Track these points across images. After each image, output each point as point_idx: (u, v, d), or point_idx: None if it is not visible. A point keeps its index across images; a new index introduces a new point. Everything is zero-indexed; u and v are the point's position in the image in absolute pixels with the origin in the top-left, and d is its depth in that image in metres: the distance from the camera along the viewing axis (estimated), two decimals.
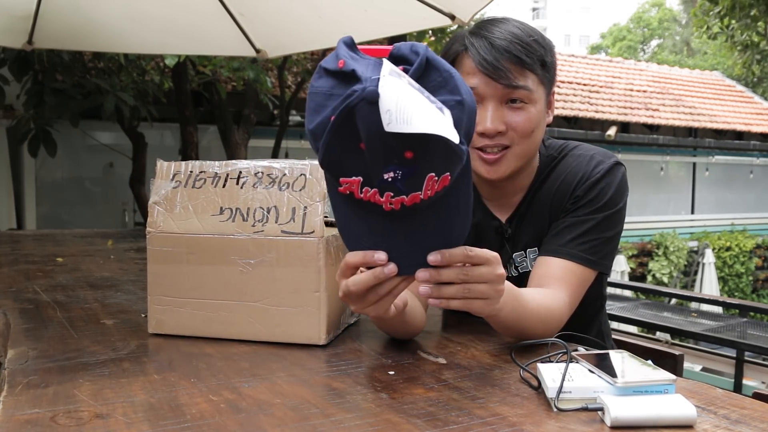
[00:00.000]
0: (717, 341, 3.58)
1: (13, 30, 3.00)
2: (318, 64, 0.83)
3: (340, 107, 0.75)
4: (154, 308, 1.15)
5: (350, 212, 0.85)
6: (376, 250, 0.84)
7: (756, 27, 8.63)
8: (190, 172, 1.16)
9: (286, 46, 3.51)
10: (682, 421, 0.75)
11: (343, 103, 0.76)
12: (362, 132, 0.76)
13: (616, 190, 1.21)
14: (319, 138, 0.79)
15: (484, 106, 1.16)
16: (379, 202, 0.81)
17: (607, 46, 29.11)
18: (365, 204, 0.82)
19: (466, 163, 0.81)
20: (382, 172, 0.78)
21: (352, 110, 0.75)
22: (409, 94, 0.76)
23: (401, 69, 0.79)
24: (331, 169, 0.82)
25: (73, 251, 2.35)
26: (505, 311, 0.98)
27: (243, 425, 0.75)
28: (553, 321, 1.11)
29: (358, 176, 0.80)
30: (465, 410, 0.80)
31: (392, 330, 1.12)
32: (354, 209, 0.84)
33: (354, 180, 0.81)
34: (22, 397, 0.84)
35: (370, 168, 0.79)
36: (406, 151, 0.76)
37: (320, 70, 0.82)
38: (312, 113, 0.81)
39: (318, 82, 0.81)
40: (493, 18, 1.21)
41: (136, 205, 5.84)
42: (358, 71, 0.77)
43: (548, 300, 1.11)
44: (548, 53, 1.19)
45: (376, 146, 0.76)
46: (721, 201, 11.97)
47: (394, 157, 0.77)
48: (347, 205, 0.84)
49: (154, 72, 5.41)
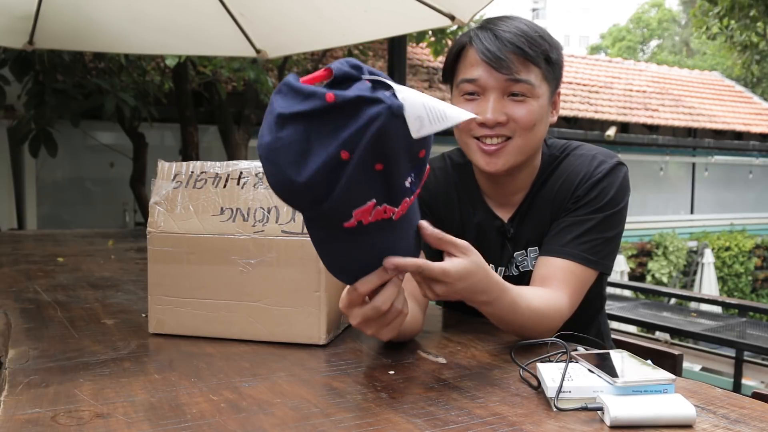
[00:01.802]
0: (716, 341, 3.58)
1: (14, 30, 3.00)
2: (274, 117, 0.73)
3: (366, 135, 0.70)
4: (155, 308, 1.15)
5: (341, 246, 0.82)
6: (371, 271, 0.84)
7: (755, 27, 8.64)
8: (191, 172, 1.16)
9: (286, 47, 3.51)
10: (682, 421, 0.75)
11: (365, 130, 0.70)
12: (388, 150, 0.72)
13: (617, 191, 1.21)
14: (321, 185, 0.73)
15: (486, 96, 1.17)
16: (386, 216, 0.79)
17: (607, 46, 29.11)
18: (362, 228, 0.79)
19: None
20: (404, 181, 0.77)
21: (384, 131, 0.71)
22: (424, 95, 0.75)
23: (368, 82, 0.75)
24: (340, 210, 0.76)
25: (73, 251, 2.35)
26: (499, 306, 0.99)
27: (243, 425, 0.76)
28: (552, 320, 1.11)
29: (371, 199, 0.77)
30: (465, 410, 0.81)
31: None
32: (346, 239, 0.80)
33: (367, 206, 0.77)
34: (23, 397, 0.84)
35: (388, 184, 0.76)
36: (420, 150, 0.77)
37: (278, 120, 0.73)
38: (293, 166, 0.72)
39: (282, 133, 0.72)
40: (503, 15, 1.22)
41: (137, 205, 5.84)
42: (354, 94, 0.71)
43: (547, 299, 1.11)
44: (553, 50, 1.18)
45: (402, 158, 0.75)
46: (720, 201, 11.97)
47: (412, 160, 0.77)
48: (338, 241, 0.81)
49: (154, 72, 5.42)
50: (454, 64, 1.23)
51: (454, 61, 1.22)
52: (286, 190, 0.75)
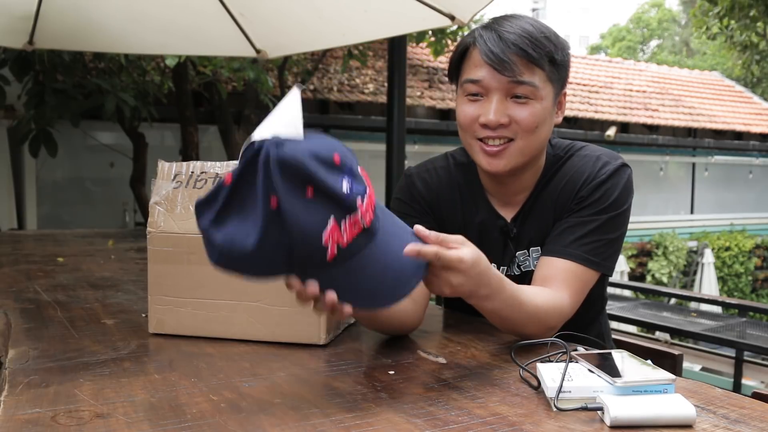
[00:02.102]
0: (716, 341, 3.58)
1: (14, 30, 3.00)
2: (208, 233, 0.80)
3: (273, 172, 0.74)
4: (155, 308, 1.15)
5: (347, 280, 0.82)
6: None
7: (755, 27, 8.64)
8: (191, 172, 1.16)
9: (286, 47, 3.51)
10: (682, 421, 0.75)
11: (267, 170, 0.74)
12: (300, 170, 0.75)
13: (621, 192, 1.21)
14: (275, 239, 0.76)
15: (489, 98, 1.16)
16: (359, 229, 0.80)
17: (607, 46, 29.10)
18: (347, 253, 0.80)
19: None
20: (341, 188, 0.77)
21: (281, 158, 0.74)
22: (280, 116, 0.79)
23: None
24: (310, 245, 0.77)
25: (73, 251, 2.35)
26: (499, 300, 1.00)
27: (243, 425, 0.76)
28: (552, 320, 1.11)
29: (329, 217, 0.77)
30: (465, 410, 0.81)
31: (380, 326, 1.12)
32: (345, 274, 0.81)
33: (331, 226, 0.77)
34: (23, 397, 0.84)
35: (331, 199, 0.77)
36: (331, 156, 0.78)
37: (212, 228, 0.80)
38: (244, 245, 0.77)
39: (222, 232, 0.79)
40: (509, 14, 1.21)
41: (137, 205, 5.84)
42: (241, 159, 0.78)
43: (548, 299, 1.11)
44: (559, 51, 1.18)
45: (320, 171, 0.76)
46: (720, 201, 11.97)
47: (332, 168, 0.77)
48: (339, 281, 0.81)
49: (154, 72, 5.42)
50: (458, 64, 1.23)
51: (459, 61, 1.22)
52: (259, 267, 0.79)
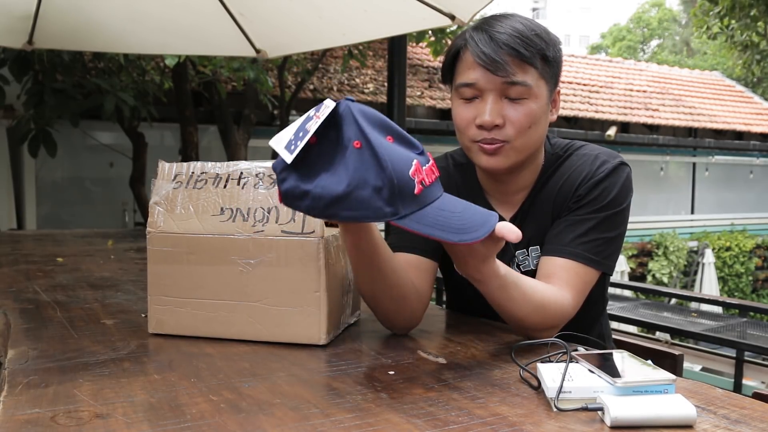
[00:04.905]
0: (717, 341, 3.57)
1: (14, 30, 3.00)
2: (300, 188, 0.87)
3: (355, 118, 0.86)
4: (155, 308, 1.15)
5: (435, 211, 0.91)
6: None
7: (756, 27, 8.63)
8: (191, 173, 1.16)
9: (286, 47, 3.51)
10: (682, 421, 0.75)
11: (351, 118, 0.87)
12: (380, 120, 0.89)
13: (619, 191, 1.21)
14: (358, 188, 0.85)
15: (484, 99, 1.17)
16: (436, 175, 0.93)
17: (607, 46, 29.08)
18: (430, 192, 0.91)
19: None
20: (415, 140, 0.92)
21: (360, 108, 0.88)
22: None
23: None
24: (403, 178, 0.87)
25: (73, 251, 2.35)
26: (491, 287, 1.02)
27: (243, 425, 0.75)
28: (556, 313, 1.11)
29: (413, 160, 0.89)
30: (465, 410, 0.80)
31: (371, 275, 1.10)
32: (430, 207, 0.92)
33: (415, 166, 0.88)
34: (22, 397, 0.84)
35: (409, 147, 0.91)
36: (388, 136, 0.91)
37: (298, 184, 0.88)
38: (330, 188, 0.86)
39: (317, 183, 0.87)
40: (499, 14, 1.21)
41: (137, 205, 5.84)
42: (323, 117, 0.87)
43: (550, 293, 1.11)
44: (550, 48, 1.18)
45: (394, 129, 0.91)
46: (720, 201, 11.96)
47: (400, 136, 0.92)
48: (428, 211, 0.91)
49: (154, 72, 5.42)
50: (451, 66, 1.23)
51: (452, 63, 1.23)
52: (352, 207, 0.86)
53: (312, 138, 0.86)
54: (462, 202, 0.96)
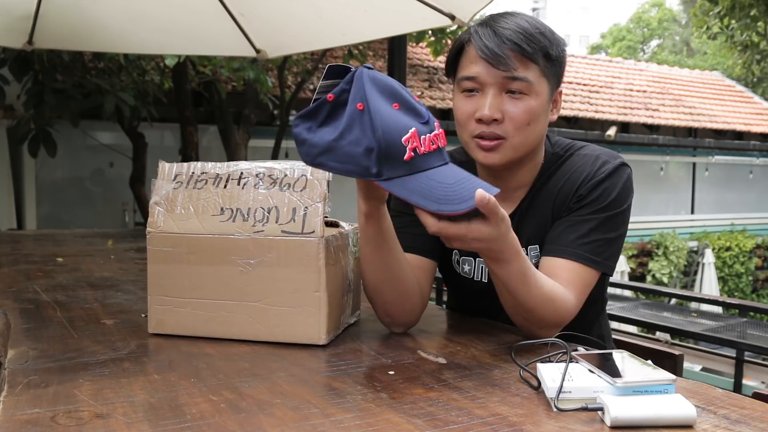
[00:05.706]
0: (717, 341, 3.57)
1: (14, 30, 3.00)
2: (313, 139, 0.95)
3: (363, 83, 0.93)
4: (155, 308, 1.15)
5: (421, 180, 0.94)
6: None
7: (756, 27, 8.64)
8: (191, 173, 1.16)
9: (286, 47, 3.51)
10: (682, 421, 0.75)
11: (359, 82, 0.93)
12: (388, 87, 0.95)
13: (620, 191, 1.21)
14: (348, 141, 0.92)
15: (484, 93, 1.17)
16: (436, 146, 0.96)
17: (607, 46, 29.08)
18: (422, 160, 0.94)
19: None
20: (422, 110, 0.96)
21: (371, 74, 0.95)
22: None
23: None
24: (392, 143, 0.91)
25: (73, 251, 2.35)
26: (512, 267, 1.02)
27: (243, 425, 0.75)
28: (559, 311, 1.12)
29: (412, 128, 0.93)
30: (465, 410, 0.80)
31: (381, 263, 1.12)
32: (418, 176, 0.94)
33: (412, 133, 0.92)
34: (23, 397, 0.84)
35: (415, 114, 0.95)
36: (394, 103, 0.96)
37: (308, 134, 0.96)
38: (323, 138, 0.94)
39: (315, 136, 0.96)
40: (505, 12, 1.22)
41: (136, 205, 5.84)
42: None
43: (558, 288, 1.12)
44: (554, 47, 1.18)
45: (405, 95, 0.96)
46: (720, 201, 11.97)
47: (414, 101, 0.97)
48: (413, 178, 0.94)
49: (154, 72, 5.41)
50: (455, 61, 1.24)
51: (455, 58, 1.24)
52: (339, 159, 0.93)
53: (330, 96, 0.96)
54: (460, 175, 0.96)
